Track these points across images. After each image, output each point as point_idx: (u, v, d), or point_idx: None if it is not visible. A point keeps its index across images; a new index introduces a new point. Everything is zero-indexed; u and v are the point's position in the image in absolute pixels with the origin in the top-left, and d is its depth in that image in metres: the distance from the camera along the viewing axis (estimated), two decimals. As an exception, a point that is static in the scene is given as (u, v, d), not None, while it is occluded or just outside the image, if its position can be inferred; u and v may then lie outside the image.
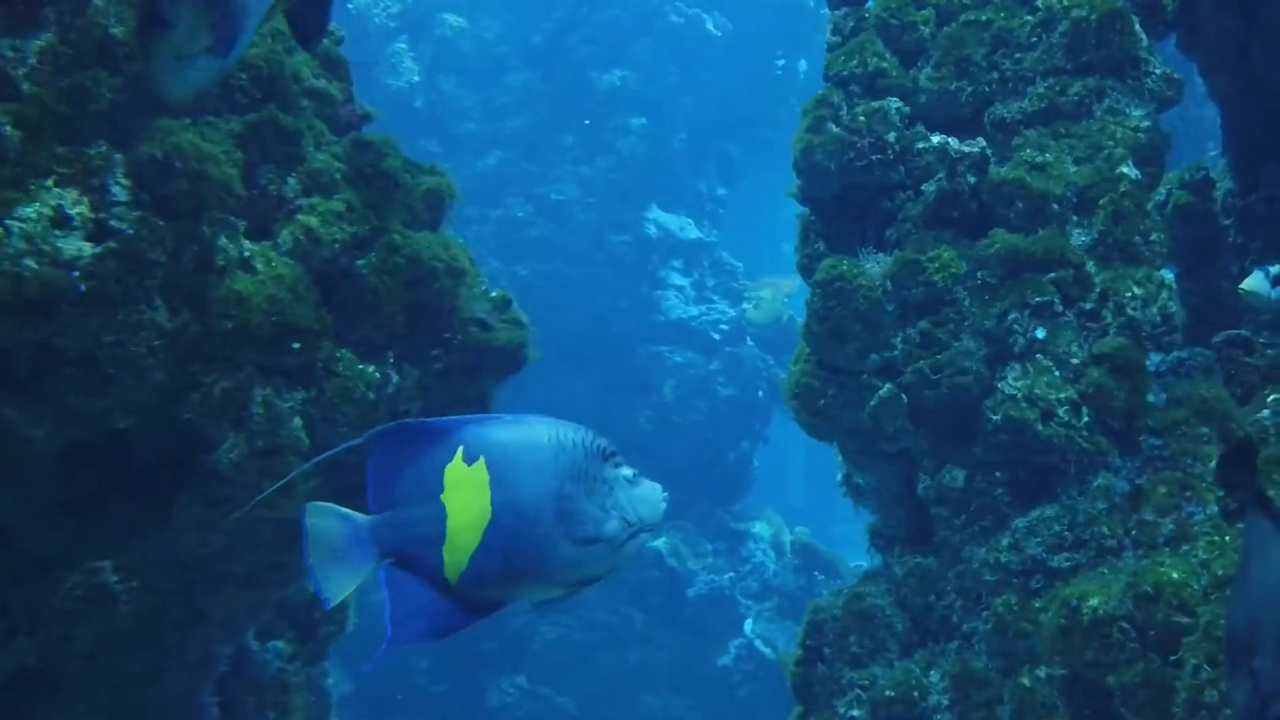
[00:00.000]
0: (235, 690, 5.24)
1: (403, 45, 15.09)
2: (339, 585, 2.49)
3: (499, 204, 14.97)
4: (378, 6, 14.95)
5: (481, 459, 2.50)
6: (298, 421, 4.28)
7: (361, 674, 12.74)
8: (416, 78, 15.08)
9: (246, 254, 4.20)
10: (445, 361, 4.73)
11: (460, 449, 2.50)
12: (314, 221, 4.36)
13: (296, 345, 4.24)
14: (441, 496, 2.49)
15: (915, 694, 4.74)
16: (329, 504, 2.48)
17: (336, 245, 4.40)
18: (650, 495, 2.63)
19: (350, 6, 14.49)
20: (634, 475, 2.61)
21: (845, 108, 5.36)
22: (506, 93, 15.62)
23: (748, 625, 13.73)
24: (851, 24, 5.63)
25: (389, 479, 2.52)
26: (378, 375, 4.50)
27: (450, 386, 4.76)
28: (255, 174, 4.29)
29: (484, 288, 4.93)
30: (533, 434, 2.56)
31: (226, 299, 4.10)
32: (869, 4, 5.63)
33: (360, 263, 4.49)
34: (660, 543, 13.41)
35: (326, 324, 4.37)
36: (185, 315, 3.99)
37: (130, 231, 3.82)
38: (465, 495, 2.49)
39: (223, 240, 4.08)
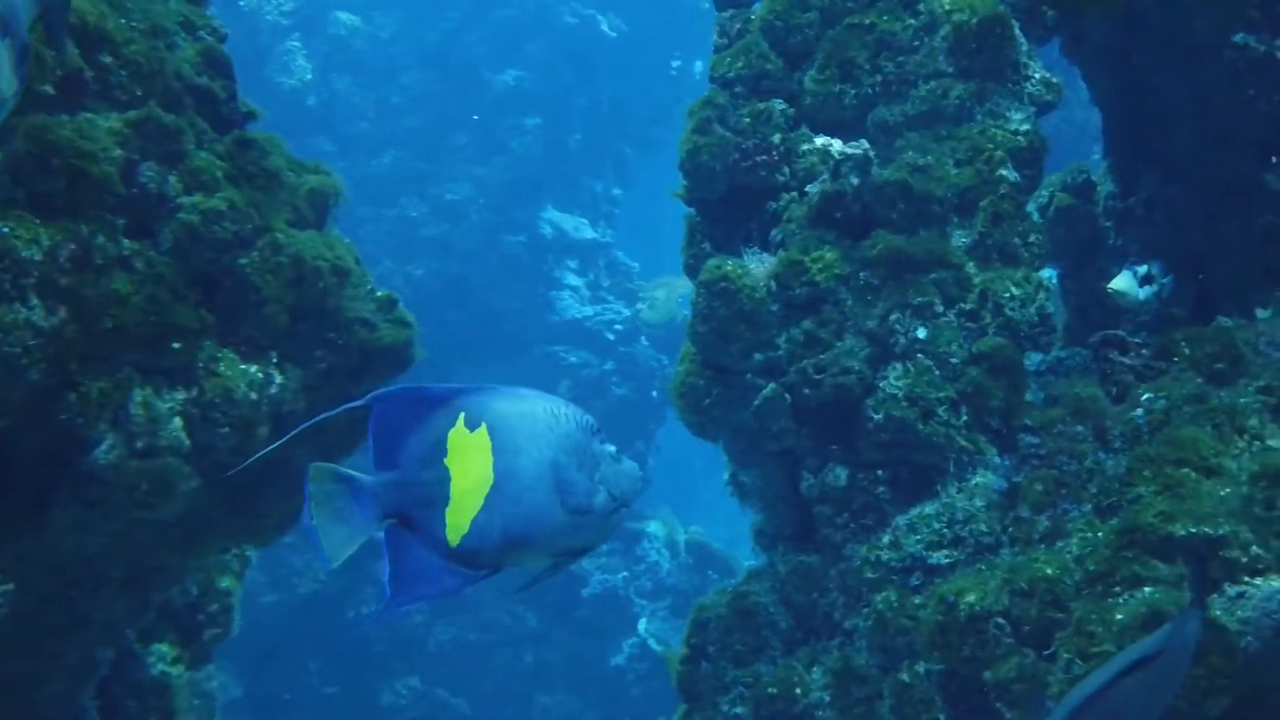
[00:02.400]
0: (117, 694, 5.17)
1: (295, 43, 14.99)
2: (341, 546, 2.53)
3: (393, 204, 14.93)
4: (269, 4, 14.84)
5: (483, 426, 2.56)
6: (177, 422, 4.23)
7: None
8: (309, 76, 14.98)
9: (126, 253, 4.14)
10: (330, 361, 4.70)
11: (462, 415, 2.56)
12: (195, 220, 4.31)
13: (177, 345, 4.19)
14: (445, 460, 2.54)
15: (797, 691, 4.79)
16: (331, 465, 2.53)
17: (218, 244, 4.35)
18: (631, 472, 2.73)
19: (241, 4, 14.35)
20: (615, 452, 2.70)
21: (731, 109, 5.40)
22: (401, 92, 15.58)
23: (642, 624, 13.77)
24: (738, 26, 5.67)
25: (392, 441, 2.56)
26: (260, 375, 4.46)
27: (335, 386, 4.74)
28: (135, 172, 4.23)
29: (369, 287, 4.91)
30: (530, 405, 2.63)
31: (105, 298, 4.04)
32: (755, 6, 5.67)
33: (243, 262, 4.44)
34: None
35: (208, 324, 4.33)
36: (62, 314, 3.93)
37: (5, 229, 3.77)
38: (468, 460, 2.54)
39: (101, 239, 4.03)
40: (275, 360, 4.54)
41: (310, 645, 12.67)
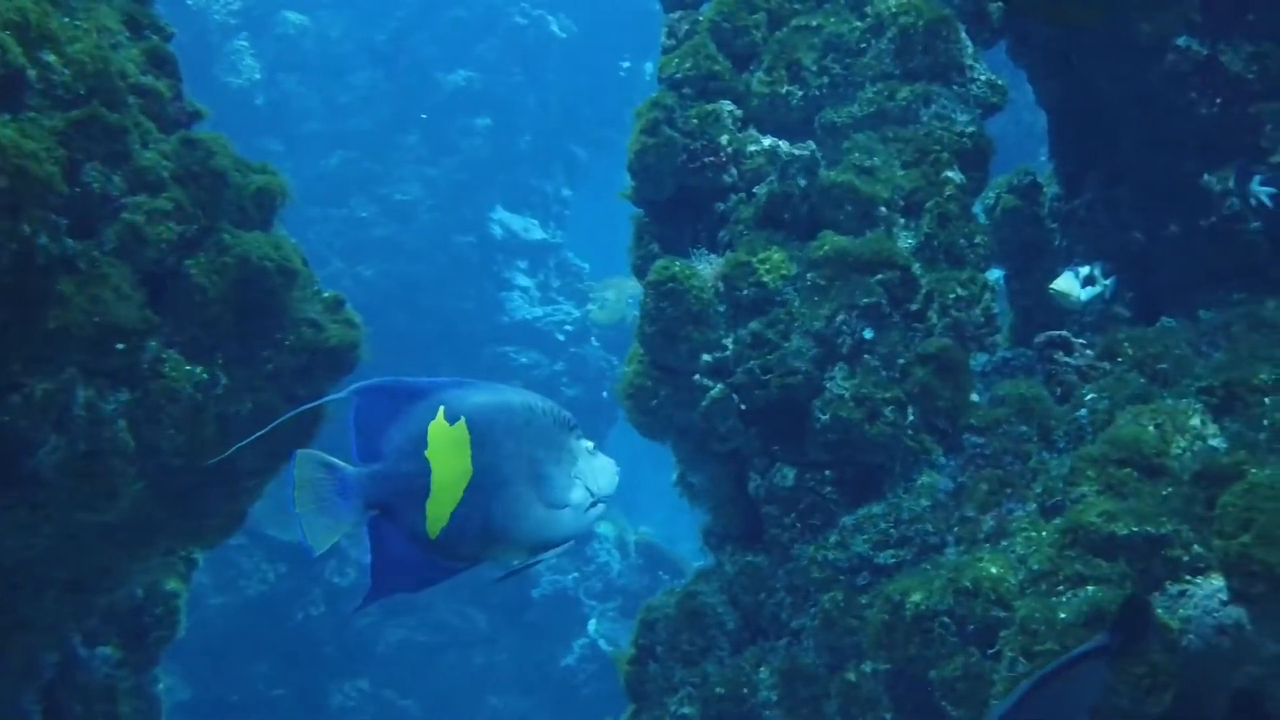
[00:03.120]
0: (61, 698, 5.14)
1: (243, 43, 14.89)
2: (324, 534, 2.53)
3: (343, 204, 14.88)
4: (217, 3, 14.74)
5: (463, 419, 2.58)
6: (122, 423, 4.22)
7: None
8: (258, 75, 14.90)
9: (69, 253, 4.12)
10: (276, 362, 4.69)
11: (441, 408, 2.58)
12: (140, 220, 4.30)
13: (121, 346, 4.18)
14: (426, 453, 2.55)
15: (745, 690, 4.80)
16: (317, 453, 2.54)
17: (163, 244, 4.34)
18: (607, 467, 2.77)
19: (189, 3, 14.26)
20: (593, 448, 2.75)
21: (679, 110, 5.40)
22: (349, 92, 15.53)
23: (591, 625, 13.77)
24: (686, 27, 5.67)
25: (374, 433, 2.57)
26: (205, 376, 4.45)
27: (281, 387, 4.72)
28: (79, 171, 4.21)
29: (316, 288, 4.90)
30: (507, 399, 2.67)
31: (48, 299, 4.02)
32: (703, 8, 5.68)
33: (188, 262, 4.43)
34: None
35: (152, 324, 4.31)
36: (5, 315, 3.91)
37: (-54, 229, 3.75)
38: (448, 453, 2.56)
39: (44, 239, 4.00)
40: (221, 361, 4.53)
41: (258, 647, 12.60)
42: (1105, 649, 3.12)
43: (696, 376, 5.09)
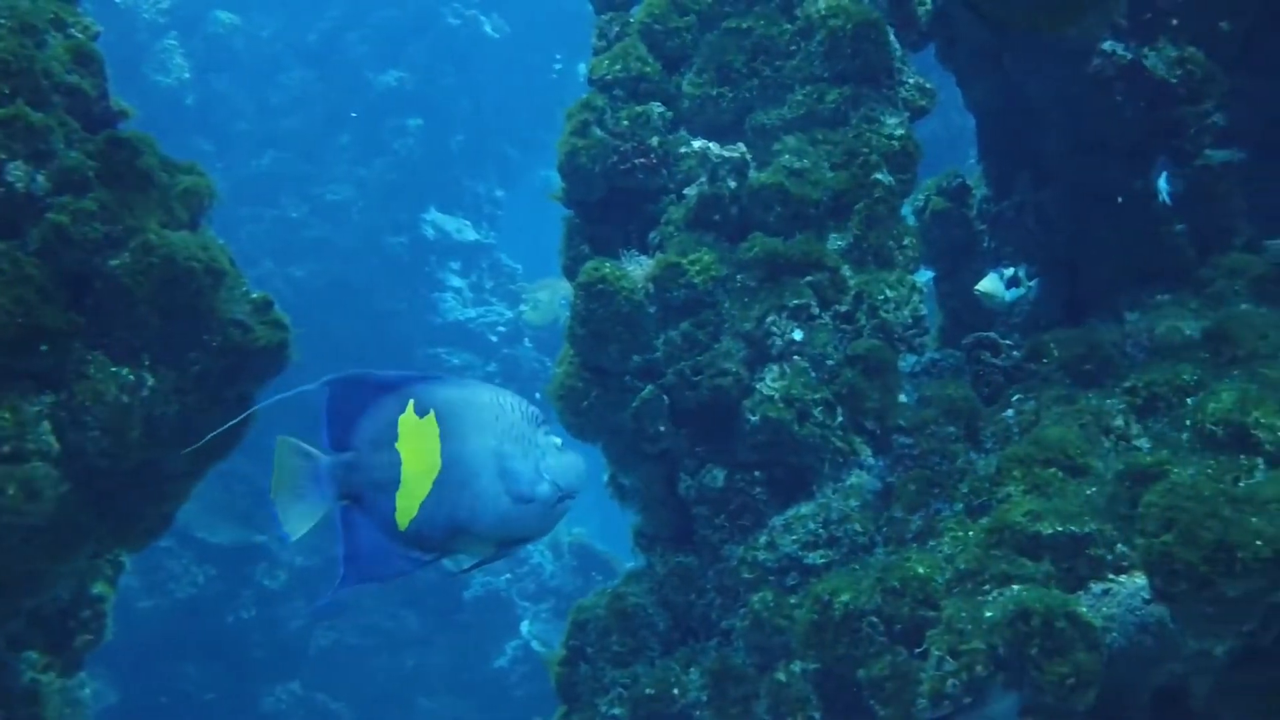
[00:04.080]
0: (-15, 702, 5.08)
1: (173, 41, 14.74)
2: (299, 520, 2.63)
3: (273, 204, 14.78)
4: (146, 2, 14.59)
5: (432, 412, 2.63)
6: (46, 425, 4.17)
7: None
8: (187, 75, 14.75)
9: (-7, 253, 4.08)
10: (203, 364, 4.64)
11: (411, 402, 2.63)
12: (65, 220, 4.25)
13: (45, 347, 4.13)
14: (396, 445, 2.61)
15: (675, 691, 4.80)
16: (296, 440, 2.60)
17: (88, 245, 4.29)
18: (575, 464, 2.80)
19: (118, 2, 14.12)
20: (561, 444, 2.77)
21: (609, 112, 5.41)
22: (281, 92, 15.43)
23: (524, 626, 13.75)
24: (616, 29, 5.68)
25: (345, 425, 2.64)
26: (131, 378, 4.40)
27: (208, 389, 4.68)
28: (2, 171, 4.16)
29: (245, 289, 4.86)
30: (476, 394, 2.72)
31: (-29, 299, 3.98)
32: (634, 10, 5.69)
33: (114, 263, 4.38)
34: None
35: (77, 326, 4.27)
36: (-74, 316, 3.87)
37: None
38: (418, 445, 2.62)
39: (-34, 239, 3.96)
40: (147, 363, 4.48)
41: (188, 650, 12.51)
42: None
43: (627, 378, 5.09)
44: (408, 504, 2.62)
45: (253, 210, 14.51)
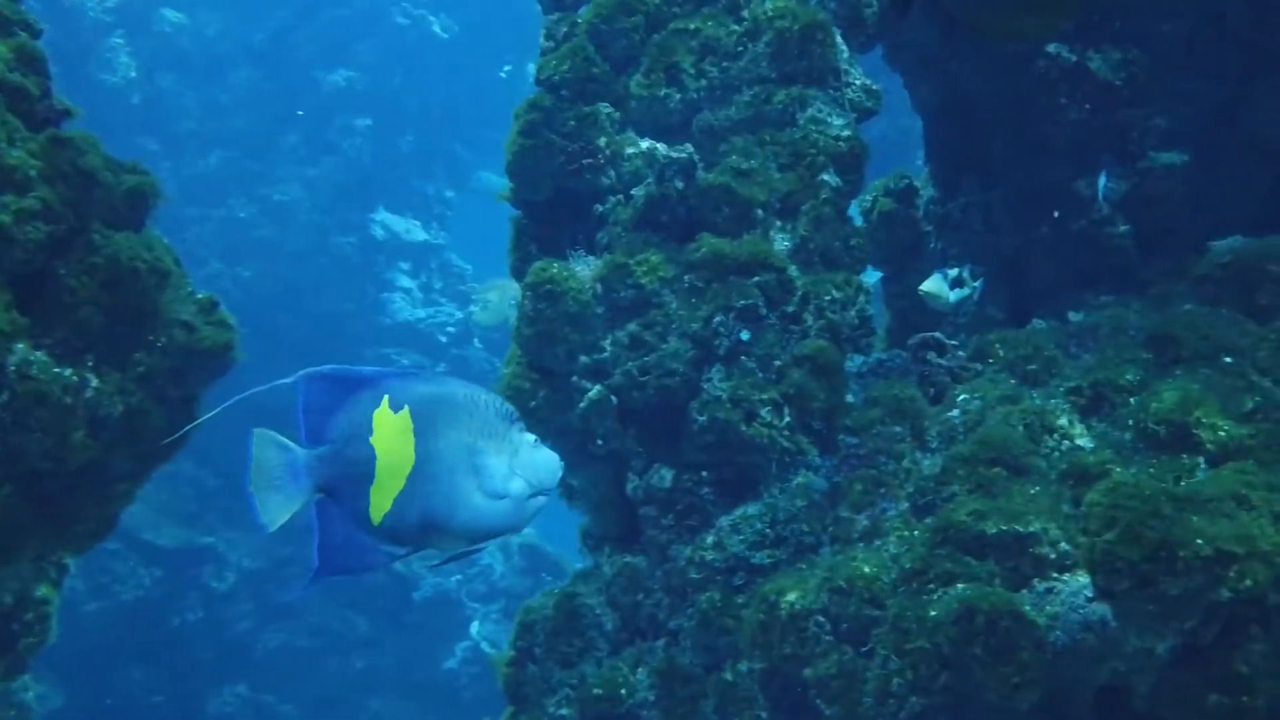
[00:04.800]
0: (-74, 706, 5.04)
1: (119, 40, 14.63)
2: (276, 512, 2.60)
3: (221, 204, 14.70)
4: (92, 0, 14.48)
5: (406, 408, 2.65)
6: (-12, 426, 4.14)
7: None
8: (133, 74, 14.64)
9: (-67, 254, 4.04)
10: (148, 364, 4.61)
11: (386, 397, 2.65)
12: (7, 220, 4.21)
13: (-13, 348, 4.10)
14: (370, 439, 2.62)
15: (623, 691, 4.80)
16: (273, 432, 2.59)
17: (31, 245, 4.25)
18: (549, 461, 2.80)
19: (64, 0, 14.02)
20: (536, 441, 2.79)
21: (557, 112, 5.40)
22: (228, 91, 15.34)
23: (474, 627, 13.72)
24: (564, 29, 5.68)
25: (321, 419, 2.65)
26: (75, 379, 4.37)
27: (154, 390, 4.65)
28: (-57, 170, 4.13)
29: (190, 289, 4.83)
30: (450, 390, 2.73)
31: (-90, 300, 3.94)
32: (581, 10, 5.69)
33: (57, 263, 4.35)
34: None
35: (20, 326, 4.22)
36: None
37: None
38: (392, 440, 2.64)
39: (-94, 239, 3.92)
40: (91, 364, 4.44)
41: (134, 653, 12.43)
42: None
43: (575, 378, 5.09)
44: (381, 499, 2.63)
45: (200, 210, 14.43)
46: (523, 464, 2.76)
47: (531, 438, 2.80)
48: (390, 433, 2.64)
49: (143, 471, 4.75)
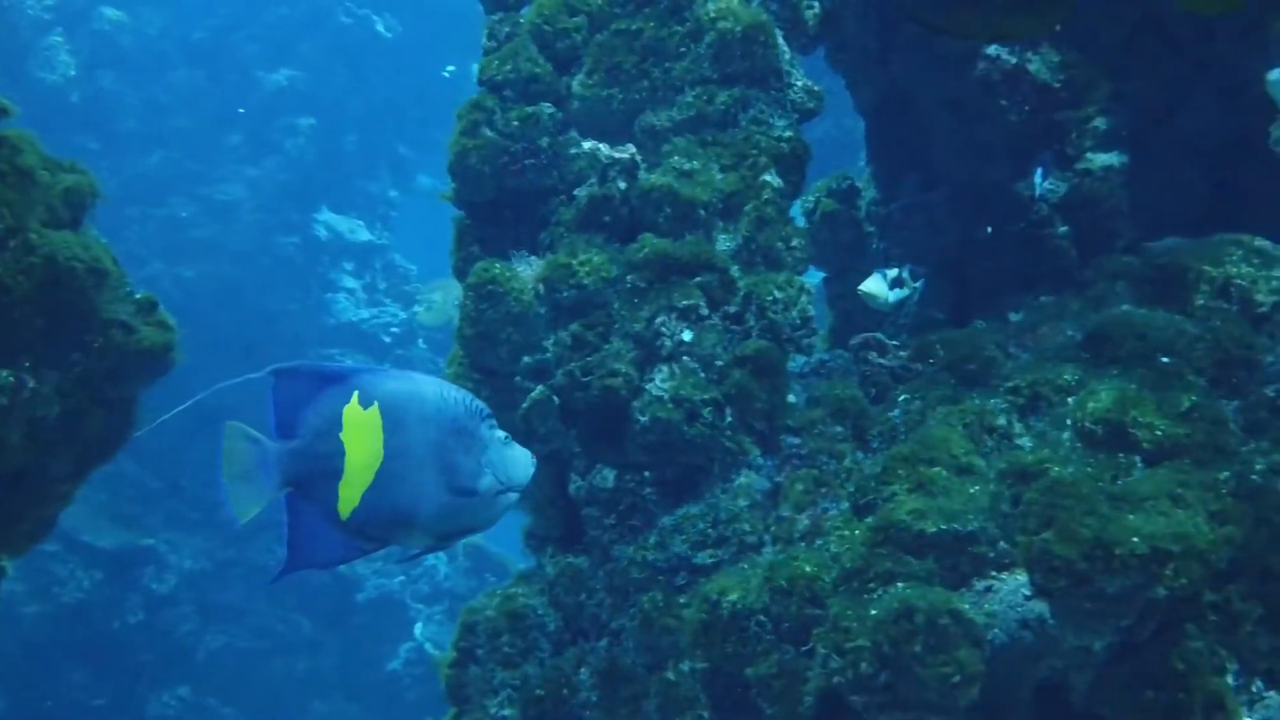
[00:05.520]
0: None
1: (58, 38, 14.50)
2: (247, 504, 2.65)
3: (162, 203, 14.59)
4: (30, -2, 14.38)
5: (376, 404, 2.68)
6: (-77, 428, 4.10)
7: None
8: (73, 72, 14.51)
9: None
10: (86, 365, 4.58)
11: (356, 393, 2.67)
12: (-59, 220, 4.18)
13: (-78, 349, 4.06)
14: (340, 435, 2.65)
15: (565, 691, 4.80)
16: (244, 425, 2.63)
17: (-33, 245, 4.22)
18: (521, 458, 2.85)
19: (1, -2, 13.92)
20: (506, 438, 2.82)
21: (499, 112, 5.39)
22: (169, 90, 15.23)
23: (418, 629, 13.69)
24: (507, 29, 5.67)
25: (292, 414, 2.67)
26: (12, 380, 4.32)
27: (92, 390, 4.61)
28: (-124, 170, 4.08)
29: (129, 289, 4.79)
30: (420, 388, 2.77)
31: None
32: (524, 10, 5.68)
33: (-7, 263, 4.31)
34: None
35: (-45, 328, 4.19)
36: None
37: None
38: (361, 436, 2.67)
39: None
40: (28, 364, 4.40)
41: (75, 656, 12.33)
42: None
43: (517, 378, 5.09)
44: (350, 494, 2.66)
45: (140, 210, 14.33)
46: (492, 461, 2.79)
47: (502, 435, 2.82)
48: (360, 429, 2.66)
49: (80, 473, 4.71)
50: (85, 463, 4.60)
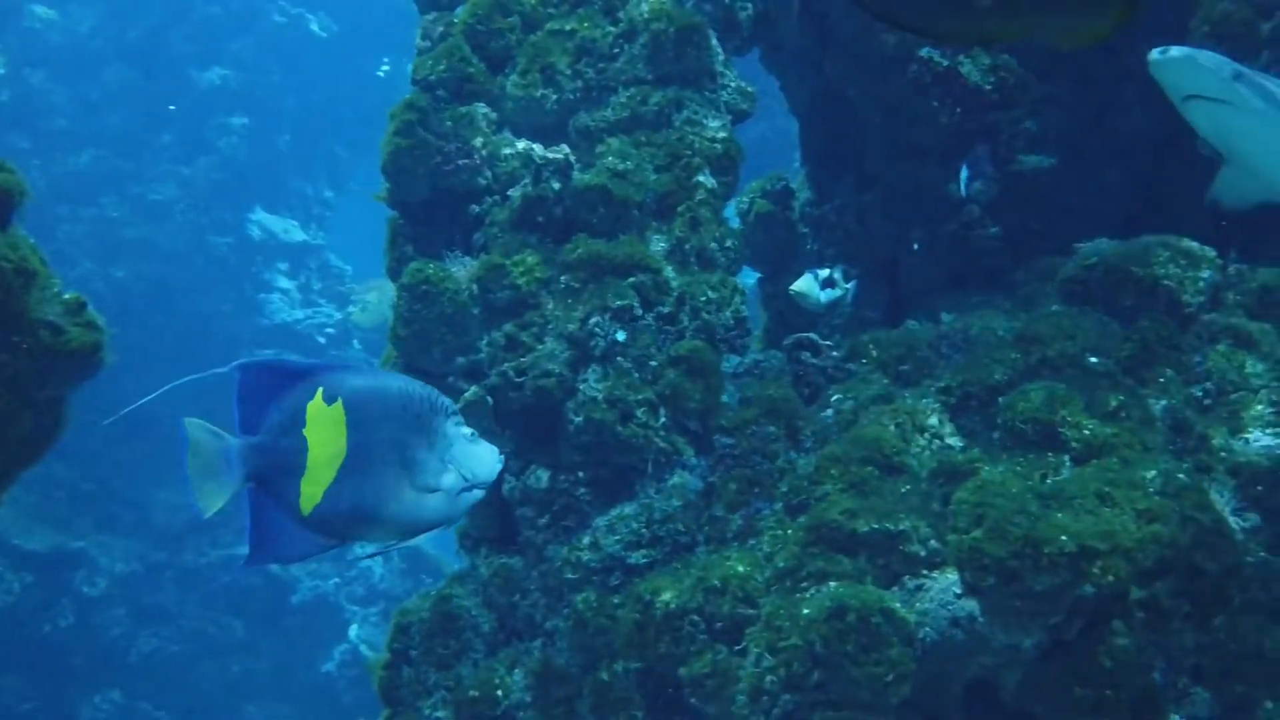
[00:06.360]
0: None
1: (-13, 36, 14.40)
2: (212, 498, 2.64)
3: (93, 203, 14.46)
4: (-42, -4, 14.23)
5: (340, 400, 2.68)
6: None
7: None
8: (2, 70, 14.38)
9: None
10: (14, 367, 4.53)
11: (320, 389, 2.67)
12: None
13: None
14: (304, 431, 2.65)
15: (499, 693, 4.79)
16: (203, 422, 2.63)
17: (-110, 245, 4.17)
18: (486, 455, 2.86)
19: (-71, -5, 13.76)
20: (473, 435, 2.83)
21: (433, 112, 5.38)
22: (101, 89, 15.10)
23: (353, 630, 13.63)
24: (440, 29, 5.66)
25: (256, 409, 2.68)
26: (-63, 381, 4.29)
27: (19, 392, 4.56)
28: None
29: (57, 290, 4.74)
30: (385, 384, 2.79)
31: None
32: (458, 10, 5.67)
33: (-83, 263, 4.26)
34: (254, 551, 13.25)
35: (-122, 329, 4.14)
36: None
37: None
38: (325, 432, 2.67)
39: None
40: (-47, 366, 4.36)
41: (5, 660, 12.20)
42: None
43: (451, 379, 5.08)
44: (312, 490, 2.66)
45: (71, 209, 14.21)
46: (457, 457, 2.79)
47: (468, 431, 2.83)
48: (323, 425, 2.67)
49: (8, 475, 4.66)
50: (14, 465, 4.55)
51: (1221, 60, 3.81)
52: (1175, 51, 3.78)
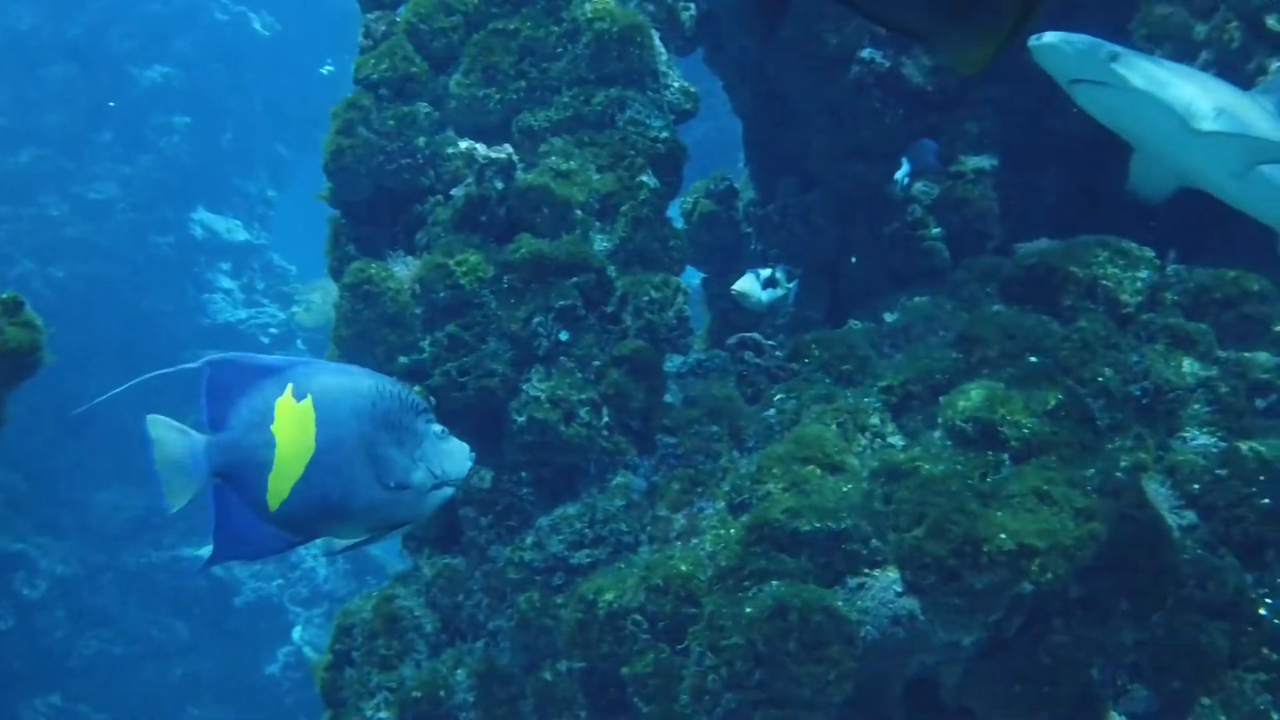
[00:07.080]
0: None
1: (-75, 35, 14.25)
2: (178, 494, 2.63)
3: (32, 202, 14.31)
4: (-105, -7, 14.06)
5: (309, 397, 2.67)
6: None
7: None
8: (-60, 68, 14.26)
9: None
10: (-49, 368, 4.50)
11: (290, 385, 2.66)
12: None
13: None
14: (272, 427, 2.64)
15: (441, 693, 4.78)
16: (166, 418, 2.62)
17: None
18: (457, 452, 2.88)
19: None
20: (443, 432, 2.84)
21: (375, 111, 5.37)
22: (40, 86, 14.94)
23: (296, 632, 13.55)
24: (383, 28, 5.64)
25: (224, 404, 2.67)
26: None
27: (-43, 392, 4.53)
28: None
29: (-8, 289, 4.71)
30: (355, 381, 2.77)
31: None
32: (400, 9, 5.65)
33: None
34: (204, 551, 13.15)
35: None
36: None
37: None
38: (293, 428, 2.66)
39: None
40: (-111, 367, 4.32)
41: (-58, 665, 12.10)
42: None
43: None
44: (279, 486, 2.65)
45: (10, 209, 14.07)
46: (427, 455, 2.80)
47: (439, 428, 2.85)
48: (292, 421, 2.66)
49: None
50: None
51: (1096, 42, 3.82)
52: (1049, 36, 3.79)
